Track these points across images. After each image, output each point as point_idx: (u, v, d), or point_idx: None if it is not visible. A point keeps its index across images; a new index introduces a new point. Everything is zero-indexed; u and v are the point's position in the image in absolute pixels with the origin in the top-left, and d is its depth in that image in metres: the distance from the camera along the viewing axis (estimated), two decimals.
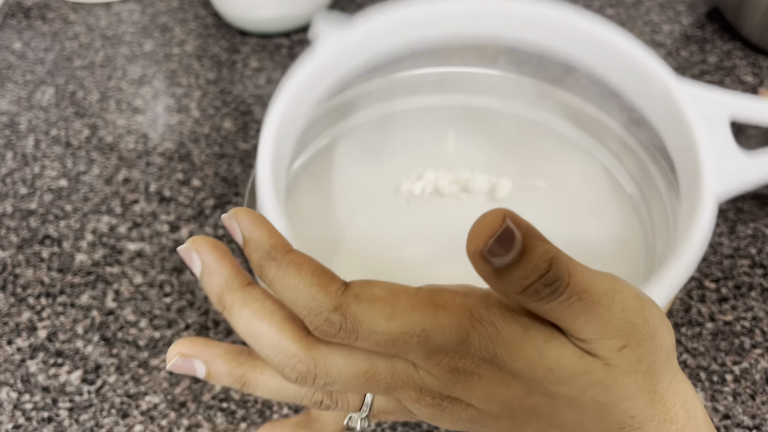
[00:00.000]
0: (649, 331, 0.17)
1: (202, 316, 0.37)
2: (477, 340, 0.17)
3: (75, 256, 0.40)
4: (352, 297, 0.17)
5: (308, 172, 0.32)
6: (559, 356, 0.17)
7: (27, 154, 0.46)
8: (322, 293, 0.16)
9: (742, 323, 0.37)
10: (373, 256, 0.35)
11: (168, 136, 0.47)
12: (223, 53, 0.54)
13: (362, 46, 0.31)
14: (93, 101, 0.50)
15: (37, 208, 0.43)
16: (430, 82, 0.37)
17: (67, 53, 0.54)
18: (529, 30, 0.32)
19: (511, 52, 0.34)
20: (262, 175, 0.26)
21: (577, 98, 0.36)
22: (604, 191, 0.36)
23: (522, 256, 0.15)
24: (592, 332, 0.17)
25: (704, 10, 0.57)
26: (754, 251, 0.40)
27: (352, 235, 0.36)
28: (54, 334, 0.37)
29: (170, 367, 0.18)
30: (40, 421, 0.33)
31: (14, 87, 0.51)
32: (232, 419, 0.33)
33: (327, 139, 0.36)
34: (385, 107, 0.37)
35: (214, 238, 0.18)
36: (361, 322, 0.16)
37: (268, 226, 0.17)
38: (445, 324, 0.17)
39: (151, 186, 0.44)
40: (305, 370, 0.17)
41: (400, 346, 0.17)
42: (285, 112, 0.28)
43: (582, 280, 0.16)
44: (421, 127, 0.38)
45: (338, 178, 0.35)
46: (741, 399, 0.34)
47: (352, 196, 0.35)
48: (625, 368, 0.17)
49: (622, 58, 0.31)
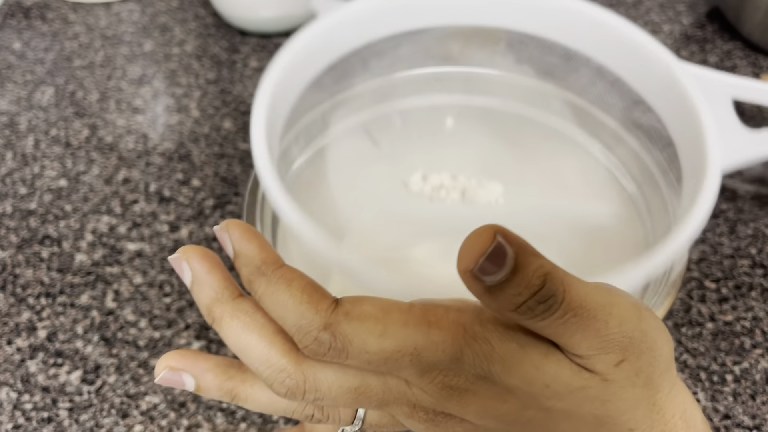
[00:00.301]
0: (647, 343, 0.17)
1: (201, 317, 0.37)
2: (471, 357, 0.16)
3: (75, 256, 0.40)
4: (342, 315, 0.16)
5: (310, 169, 0.32)
6: (555, 372, 0.17)
7: (27, 154, 0.46)
8: (312, 311, 0.16)
9: (742, 323, 0.37)
10: (375, 254, 0.35)
11: (168, 136, 0.47)
12: (223, 53, 0.54)
13: (361, 24, 0.30)
14: (93, 101, 0.50)
15: (37, 208, 0.43)
16: (430, 79, 0.37)
17: (66, 53, 0.54)
18: (529, 16, 0.31)
19: (511, 39, 0.34)
20: (257, 145, 0.25)
21: (576, 93, 0.36)
22: (603, 185, 0.36)
23: (514, 273, 0.15)
24: (589, 348, 0.16)
25: (704, 10, 0.57)
26: (754, 251, 0.40)
27: (354, 231, 0.36)
28: (54, 334, 0.37)
29: (159, 380, 0.18)
30: (40, 421, 0.33)
31: (14, 87, 0.51)
32: (231, 419, 0.33)
33: (327, 138, 0.36)
34: (387, 103, 0.36)
35: (205, 247, 0.18)
36: (351, 341, 0.16)
37: (259, 240, 0.17)
38: (439, 341, 0.16)
39: (151, 186, 0.44)
40: (294, 386, 0.17)
41: (392, 365, 0.17)
42: (279, 83, 0.27)
43: (577, 295, 0.16)
44: (421, 125, 0.38)
45: (340, 175, 0.35)
46: (741, 399, 0.34)
47: (353, 193, 0.35)
48: (623, 382, 0.17)
49: (622, 41, 0.31)
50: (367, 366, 0.17)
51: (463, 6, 0.32)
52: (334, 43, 0.30)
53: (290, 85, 0.28)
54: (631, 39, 0.31)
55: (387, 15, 0.31)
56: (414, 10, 0.31)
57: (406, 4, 0.31)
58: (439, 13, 0.32)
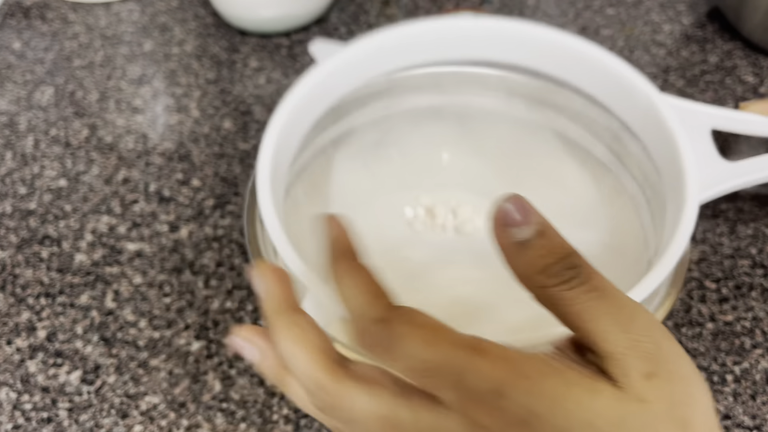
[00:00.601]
0: (678, 367, 0.17)
1: (201, 316, 0.37)
2: (515, 394, 0.16)
3: (74, 256, 0.40)
4: (399, 314, 0.17)
5: (307, 173, 0.32)
6: (599, 408, 0.16)
7: (26, 153, 0.46)
8: (375, 303, 0.18)
9: (742, 323, 0.37)
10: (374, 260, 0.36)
11: (167, 135, 0.47)
12: (222, 53, 0.54)
13: (361, 63, 0.32)
14: (92, 101, 0.50)
15: (37, 208, 0.43)
16: (426, 111, 0.38)
17: (66, 53, 0.54)
18: (520, 49, 0.33)
19: (502, 71, 0.35)
20: (262, 187, 0.27)
21: (568, 121, 0.37)
22: (605, 193, 0.37)
23: (539, 237, 0.16)
24: (617, 342, 0.16)
25: (705, 10, 0.57)
26: (754, 251, 0.40)
27: (360, 215, 0.36)
28: (53, 334, 0.37)
29: (229, 341, 0.20)
30: (40, 421, 0.33)
31: (13, 87, 0.51)
32: (231, 419, 0.33)
33: (324, 141, 0.36)
34: (384, 108, 0.37)
35: (278, 266, 0.21)
36: (400, 341, 0.17)
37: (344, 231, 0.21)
38: (484, 369, 0.16)
39: (151, 186, 0.44)
40: (330, 402, 0.18)
41: (433, 379, 0.17)
42: (284, 127, 0.29)
43: (604, 279, 0.16)
44: (418, 158, 0.38)
45: (336, 180, 0.35)
46: (741, 399, 0.34)
47: (350, 198, 0.35)
48: (658, 410, 0.16)
49: (608, 74, 0.32)
50: (408, 373, 0.17)
51: (453, 42, 0.33)
52: (334, 85, 0.32)
53: (294, 128, 0.30)
54: (615, 71, 0.32)
55: (383, 54, 0.32)
56: (407, 48, 0.32)
57: (399, 44, 0.32)
58: (430, 50, 0.33)
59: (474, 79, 0.35)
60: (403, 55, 0.33)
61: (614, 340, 0.16)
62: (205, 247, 0.40)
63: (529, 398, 0.16)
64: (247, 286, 0.38)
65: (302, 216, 0.31)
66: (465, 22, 0.33)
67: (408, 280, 0.34)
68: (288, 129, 0.29)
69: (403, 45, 0.33)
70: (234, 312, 0.37)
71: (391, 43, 0.32)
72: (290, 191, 0.30)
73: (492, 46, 0.33)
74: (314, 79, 0.30)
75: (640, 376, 0.16)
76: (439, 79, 0.35)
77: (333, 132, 0.34)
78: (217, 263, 0.40)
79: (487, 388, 0.16)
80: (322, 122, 0.32)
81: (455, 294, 0.33)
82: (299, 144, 0.31)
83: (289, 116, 0.29)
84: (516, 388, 0.16)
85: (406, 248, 0.36)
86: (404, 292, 0.20)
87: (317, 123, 0.32)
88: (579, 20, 0.57)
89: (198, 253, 0.40)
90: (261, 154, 0.28)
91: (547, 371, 0.17)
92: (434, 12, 0.58)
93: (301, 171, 0.32)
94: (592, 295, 0.16)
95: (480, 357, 0.16)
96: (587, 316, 0.16)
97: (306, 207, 0.32)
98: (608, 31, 0.55)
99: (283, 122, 0.29)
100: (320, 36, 0.55)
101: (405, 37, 0.32)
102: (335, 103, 0.33)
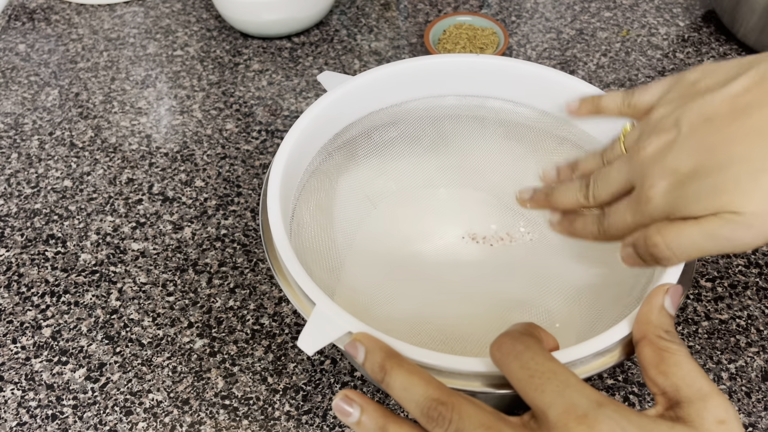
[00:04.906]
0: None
1: (204, 315, 0.38)
2: None
3: (79, 255, 0.41)
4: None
5: (312, 195, 0.34)
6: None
7: (31, 154, 0.47)
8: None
9: (737, 322, 0.37)
10: (380, 260, 0.36)
11: (171, 137, 0.48)
12: (225, 55, 0.54)
13: (366, 94, 0.34)
14: (97, 103, 0.51)
15: (42, 208, 0.44)
16: (426, 147, 0.39)
17: (70, 55, 0.55)
18: (513, 85, 0.35)
19: (498, 110, 0.37)
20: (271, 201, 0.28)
21: (572, 139, 0.38)
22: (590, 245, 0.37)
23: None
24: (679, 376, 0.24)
25: (700, 13, 0.58)
26: (749, 250, 0.41)
27: (361, 237, 0.37)
28: (58, 332, 0.37)
29: (333, 405, 0.23)
30: (44, 418, 0.34)
31: (19, 88, 0.52)
32: (234, 416, 0.34)
33: (331, 198, 0.37)
34: (385, 137, 0.38)
35: (367, 333, 0.25)
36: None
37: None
38: None
39: (155, 186, 0.45)
40: (443, 411, 0.22)
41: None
42: (291, 152, 0.31)
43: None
44: (416, 192, 0.39)
45: (341, 232, 0.36)
46: (737, 397, 0.34)
47: (351, 251, 0.36)
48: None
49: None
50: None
51: (448, 78, 0.35)
52: (340, 114, 0.34)
53: (302, 153, 0.32)
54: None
55: (385, 86, 0.34)
56: (406, 82, 0.35)
57: (401, 80, 0.35)
58: (427, 85, 0.35)
59: (473, 112, 0.37)
60: (405, 88, 0.35)
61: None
62: (208, 247, 0.41)
63: None
64: (249, 285, 0.39)
65: (307, 236, 0.32)
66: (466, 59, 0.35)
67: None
68: (296, 151, 0.31)
69: (405, 78, 0.35)
70: (236, 310, 0.38)
71: (394, 77, 0.34)
72: (295, 213, 0.31)
73: (481, 82, 0.35)
74: (322, 105, 0.32)
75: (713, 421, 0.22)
76: (438, 112, 0.37)
77: (337, 157, 0.35)
78: (220, 262, 0.40)
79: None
80: (326, 147, 0.34)
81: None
82: (305, 168, 0.33)
83: (299, 137, 0.31)
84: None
85: (398, 273, 0.37)
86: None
87: (323, 148, 0.34)
88: (576, 23, 0.57)
89: (201, 253, 0.41)
90: (270, 179, 0.29)
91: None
92: (433, 15, 0.58)
93: (307, 193, 0.33)
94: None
95: None
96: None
97: (311, 228, 0.33)
98: (605, 33, 0.56)
99: (293, 142, 0.31)
100: (321, 39, 0.56)
101: (407, 71, 0.34)
102: (340, 130, 0.34)
